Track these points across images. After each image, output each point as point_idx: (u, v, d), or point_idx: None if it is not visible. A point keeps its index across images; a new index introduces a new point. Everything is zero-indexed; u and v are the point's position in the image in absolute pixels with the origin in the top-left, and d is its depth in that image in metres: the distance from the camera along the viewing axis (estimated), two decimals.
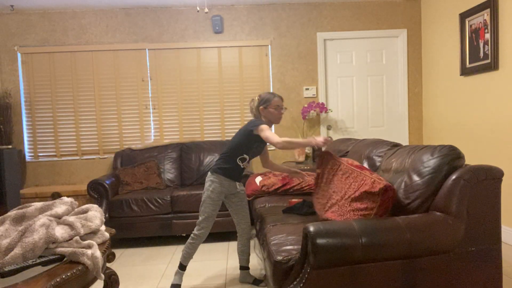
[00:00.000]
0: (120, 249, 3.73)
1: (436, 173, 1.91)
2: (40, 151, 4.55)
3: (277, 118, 2.64)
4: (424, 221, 1.80)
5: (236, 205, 2.75)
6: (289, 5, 4.64)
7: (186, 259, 2.67)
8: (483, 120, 3.64)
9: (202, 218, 2.62)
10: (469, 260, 1.83)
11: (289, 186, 3.49)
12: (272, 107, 2.61)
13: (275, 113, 2.62)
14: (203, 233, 2.63)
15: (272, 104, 2.61)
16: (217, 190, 2.61)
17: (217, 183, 2.61)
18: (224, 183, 2.62)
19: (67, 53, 4.51)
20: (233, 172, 2.64)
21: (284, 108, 2.67)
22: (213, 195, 2.61)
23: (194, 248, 2.66)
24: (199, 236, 2.63)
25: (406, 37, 4.72)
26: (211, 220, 2.63)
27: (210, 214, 2.61)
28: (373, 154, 2.64)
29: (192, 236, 2.65)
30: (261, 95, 2.66)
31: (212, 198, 2.60)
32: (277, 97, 2.63)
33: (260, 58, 4.66)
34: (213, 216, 2.63)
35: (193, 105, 4.64)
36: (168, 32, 4.58)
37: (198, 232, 2.63)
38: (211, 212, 2.61)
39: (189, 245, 2.65)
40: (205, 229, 2.63)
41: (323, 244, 1.68)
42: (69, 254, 1.70)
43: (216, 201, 2.62)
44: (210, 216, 2.62)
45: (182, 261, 2.68)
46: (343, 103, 4.78)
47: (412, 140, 4.82)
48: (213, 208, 2.61)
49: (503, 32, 3.31)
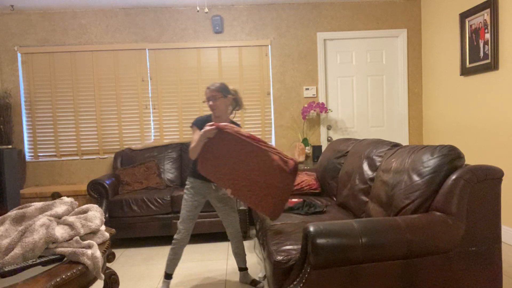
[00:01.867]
0: (120, 249, 3.73)
1: (436, 173, 1.91)
2: (40, 151, 4.55)
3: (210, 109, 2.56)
4: (424, 221, 1.80)
5: (221, 210, 2.69)
6: (289, 5, 4.64)
7: (171, 266, 2.63)
8: (483, 120, 3.64)
9: (179, 221, 2.61)
10: (469, 260, 1.83)
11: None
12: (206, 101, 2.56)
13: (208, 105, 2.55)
14: (181, 236, 2.59)
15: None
16: (190, 192, 2.61)
17: (189, 185, 2.62)
18: (195, 185, 2.60)
19: (67, 53, 4.51)
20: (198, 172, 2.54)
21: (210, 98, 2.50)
22: (187, 197, 2.60)
23: (176, 253, 2.61)
24: (178, 240, 2.60)
25: (406, 37, 4.72)
26: (187, 222, 2.59)
27: (185, 216, 2.59)
28: (373, 154, 2.64)
29: (172, 241, 2.62)
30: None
31: (186, 200, 2.60)
32: (207, 88, 2.53)
33: (260, 58, 4.66)
34: (189, 218, 2.59)
35: (193, 105, 4.64)
36: (168, 32, 4.58)
37: (177, 236, 2.60)
38: (186, 213, 2.59)
39: (171, 251, 2.61)
40: (183, 231, 2.59)
41: (323, 244, 1.68)
42: (69, 254, 1.70)
43: (189, 203, 2.59)
44: (186, 218, 2.59)
45: (167, 269, 2.63)
46: (343, 103, 4.78)
47: (412, 140, 4.82)
48: (187, 209, 2.58)
49: (503, 32, 3.31)
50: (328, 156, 3.53)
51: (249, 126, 4.69)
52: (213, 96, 2.51)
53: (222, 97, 2.53)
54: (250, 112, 4.68)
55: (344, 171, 3.04)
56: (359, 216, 2.61)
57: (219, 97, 2.52)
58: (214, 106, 2.52)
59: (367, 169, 2.63)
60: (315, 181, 3.54)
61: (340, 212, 2.79)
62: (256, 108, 4.67)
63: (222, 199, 2.66)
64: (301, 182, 3.50)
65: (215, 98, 2.51)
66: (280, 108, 4.69)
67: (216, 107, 2.52)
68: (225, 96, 2.54)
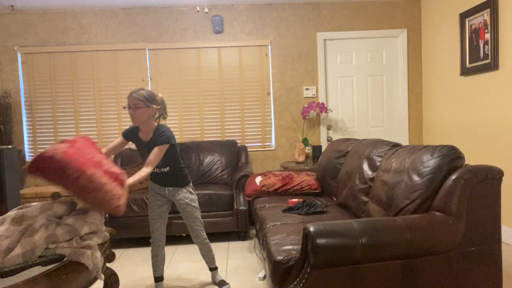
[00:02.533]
0: (120, 249, 3.73)
1: (436, 173, 1.91)
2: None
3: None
4: (424, 221, 1.80)
5: (182, 215, 2.69)
6: (289, 5, 4.64)
7: (156, 270, 2.66)
8: (483, 120, 3.64)
9: (150, 223, 2.66)
10: (469, 260, 1.83)
11: (289, 186, 3.49)
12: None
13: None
14: (154, 238, 2.63)
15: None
16: (150, 193, 2.66)
17: (150, 187, 2.67)
18: (153, 186, 2.64)
19: (67, 53, 4.51)
20: (152, 175, 2.61)
21: (130, 105, 2.37)
22: (149, 198, 2.67)
23: (156, 255, 2.64)
24: (152, 241, 2.64)
25: (406, 37, 4.72)
26: (153, 222, 2.63)
27: (150, 217, 2.64)
28: (373, 154, 2.64)
29: (150, 245, 2.68)
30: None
31: (149, 201, 2.66)
32: (129, 94, 2.39)
33: (260, 58, 4.66)
34: (153, 218, 2.62)
35: (193, 105, 4.64)
36: (168, 32, 4.58)
37: (151, 238, 2.65)
38: (150, 214, 2.64)
39: (151, 254, 2.66)
40: (153, 232, 2.63)
41: (323, 244, 1.68)
42: (69, 254, 1.70)
43: (151, 203, 2.64)
44: (151, 219, 2.63)
45: (154, 274, 2.68)
46: (343, 103, 4.78)
47: (412, 140, 4.82)
48: (150, 210, 2.63)
49: (503, 32, 3.31)
50: (328, 156, 3.53)
51: (249, 126, 4.69)
52: (134, 104, 2.35)
53: (144, 107, 2.36)
54: (250, 112, 4.68)
55: (344, 171, 3.04)
56: (359, 216, 2.61)
57: (141, 106, 2.35)
58: (133, 115, 2.37)
59: (367, 169, 2.63)
60: (315, 181, 3.54)
61: (340, 212, 2.80)
62: (256, 108, 4.67)
63: (179, 205, 2.62)
64: (301, 182, 3.50)
65: (136, 107, 2.35)
66: (280, 108, 4.69)
67: (136, 116, 2.36)
68: (148, 106, 2.37)
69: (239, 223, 3.73)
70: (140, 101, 2.35)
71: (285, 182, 3.51)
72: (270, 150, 4.71)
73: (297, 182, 3.50)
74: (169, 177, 2.57)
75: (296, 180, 3.52)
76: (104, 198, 1.67)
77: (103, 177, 1.69)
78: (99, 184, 1.67)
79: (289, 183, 3.50)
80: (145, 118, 2.39)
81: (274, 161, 4.72)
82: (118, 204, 1.68)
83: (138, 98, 2.35)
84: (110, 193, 1.72)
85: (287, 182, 3.51)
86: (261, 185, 3.50)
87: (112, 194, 1.69)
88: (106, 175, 1.71)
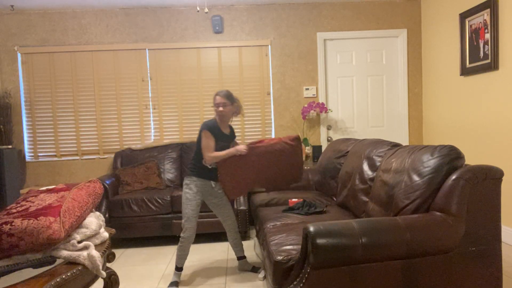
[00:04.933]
0: (120, 249, 3.73)
1: (436, 173, 1.91)
2: (40, 151, 4.55)
3: (217, 114, 2.77)
4: (424, 221, 1.80)
5: (217, 205, 2.88)
6: (289, 5, 4.64)
7: (180, 260, 2.79)
8: (483, 120, 3.64)
9: (184, 220, 2.75)
10: (469, 260, 1.83)
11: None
12: (215, 106, 2.75)
13: (216, 110, 2.75)
14: (188, 235, 2.74)
15: (214, 103, 2.76)
16: (193, 191, 2.74)
17: (192, 185, 2.75)
18: (198, 183, 2.75)
19: (67, 53, 4.51)
20: (202, 172, 2.76)
21: (220, 104, 2.72)
22: (190, 196, 2.74)
23: (184, 250, 2.77)
24: (185, 238, 2.75)
25: (406, 37, 4.72)
26: (193, 220, 2.74)
27: (191, 215, 2.73)
28: (373, 154, 2.64)
29: (180, 239, 2.76)
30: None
31: (189, 199, 2.73)
32: (217, 94, 2.75)
33: (260, 58, 4.66)
34: (194, 216, 2.74)
35: (193, 105, 4.64)
36: (168, 32, 4.58)
37: (184, 234, 2.75)
38: (191, 212, 2.73)
39: (180, 248, 2.78)
40: (189, 230, 2.74)
41: (323, 244, 1.68)
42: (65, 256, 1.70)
43: (192, 201, 2.73)
44: (191, 216, 2.73)
45: (177, 263, 2.80)
46: (343, 103, 4.78)
47: (412, 140, 4.82)
48: (191, 208, 2.73)
49: (503, 32, 3.31)
50: (328, 156, 3.53)
51: (249, 126, 4.69)
52: (223, 103, 2.71)
53: (230, 105, 2.74)
54: (250, 112, 4.68)
55: (344, 171, 3.04)
56: (359, 216, 2.61)
57: (228, 104, 2.72)
58: (223, 112, 2.72)
59: (367, 169, 2.63)
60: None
61: (340, 212, 2.80)
62: (256, 108, 4.68)
63: (218, 195, 2.84)
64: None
65: (225, 105, 2.71)
66: (280, 108, 4.69)
67: (225, 114, 2.73)
68: (232, 104, 2.76)
69: (239, 223, 3.73)
70: (226, 100, 2.72)
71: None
72: None
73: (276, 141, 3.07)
74: (216, 172, 2.78)
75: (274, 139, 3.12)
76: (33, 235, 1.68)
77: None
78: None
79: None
80: (230, 114, 2.79)
81: None
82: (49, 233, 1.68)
83: (225, 96, 2.72)
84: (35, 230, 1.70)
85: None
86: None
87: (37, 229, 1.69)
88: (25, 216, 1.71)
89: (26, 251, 1.65)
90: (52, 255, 1.70)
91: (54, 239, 1.66)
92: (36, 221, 1.66)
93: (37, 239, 1.63)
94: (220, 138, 2.75)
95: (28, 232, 1.63)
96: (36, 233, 1.64)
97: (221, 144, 2.75)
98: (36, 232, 1.64)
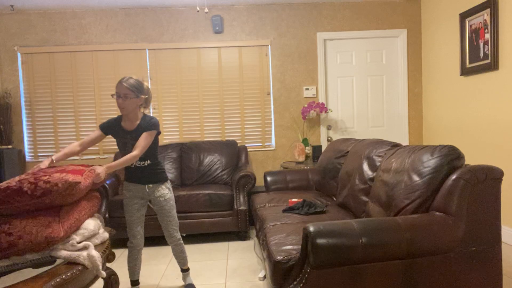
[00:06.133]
0: (120, 249, 3.73)
1: (436, 173, 1.91)
2: (40, 151, 4.55)
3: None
4: (424, 221, 1.80)
5: (157, 212, 2.57)
6: (289, 5, 4.64)
7: (133, 273, 2.58)
8: (483, 120, 3.64)
9: (127, 228, 2.53)
10: (469, 260, 1.83)
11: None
12: (114, 95, 2.39)
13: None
14: (135, 242, 2.53)
15: (115, 91, 2.39)
16: (126, 196, 2.51)
17: (125, 189, 2.52)
18: (130, 187, 2.50)
19: (67, 53, 4.51)
20: (128, 174, 2.50)
21: (120, 95, 2.35)
22: (125, 201, 2.52)
23: (135, 259, 2.55)
24: (133, 245, 2.54)
25: (406, 37, 4.72)
26: (132, 226, 2.51)
27: (128, 221, 2.51)
28: (373, 154, 2.64)
29: (128, 248, 2.56)
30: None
31: (125, 205, 2.51)
32: (120, 82, 2.35)
33: (260, 58, 4.66)
34: (133, 222, 2.50)
35: (193, 105, 4.64)
36: (168, 32, 4.58)
37: (129, 242, 2.55)
38: (129, 218, 2.51)
39: (129, 258, 2.56)
40: (133, 237, 2.52)
41: (323, 244, 1.68)
42: (65, 257, 1.70)
43: (129, 207, 2.50)
44: (130, 223, 2.51)
45: (130, 277, 2.59)
46: (343, 103, 4.78)
47: (412, 140, 4.82)
48: (129, 214, 2.50)
49: (503, 32, 3.31)
50: (328, 156, 3.53)
51: (249, 126, 4.69)
52: (124, 94, 2.33)
53: (134, 97, 2.35)
54: (250, 112, 4.68)
55: (344, 171, 3.04)
56: (359, 216, 2.61)
57: (131, 97, 2.34)
58: (122, 105, 2.35)
59: (367, 169, 2.63)
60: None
61: (340, 212, 2.80)
62: (256, 108, 4.67)
63: (157, 202, 2.53)
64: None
65: (126, 97, 2.34)
66: (280, 108, 4.69)
67: (125, 107, 2.36)
68: (137, 97, 2.37)
69: (239, 223, 3.73)
70: (130, 92, 2.34)
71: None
72: (270, 150, 4.71)
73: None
74: (149, 172, 2.49)
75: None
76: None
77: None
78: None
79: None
80: (134, 107, 2.38)
81: (274, 161, 4.72)
82: (48, 232, 1.70)
83: (128, 88, 2.33)
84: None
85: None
86: None
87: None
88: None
89: (25, 251, 1.65)
90: (52, 255, 1.70)
91: (53, 237, 1.66)
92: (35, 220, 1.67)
93: (36, 238, 1.64)
94: (118, 135, 2.45)
95: (27, 230, 1.64)
96: (35, 231, 1.64)
97: (123, 141, 2.45)
98: (35, 231, 1.64)
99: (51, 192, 1.69)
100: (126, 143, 2.44)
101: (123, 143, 2.46)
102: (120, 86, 2.33)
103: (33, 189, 1.66)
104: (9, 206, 1.65)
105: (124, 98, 2.34)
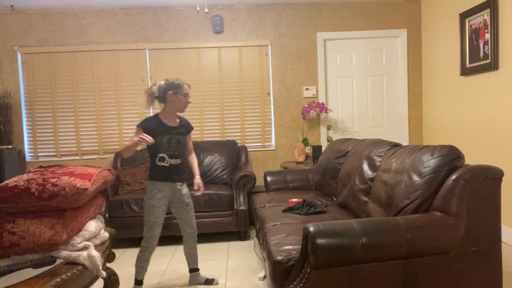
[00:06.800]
0: (120, 249, 3.73)
1: (436, 173, 1.91)
2: (40, 151, 4.55)
3: (184, 105, 2.60)
4: (424, 221, 1.80)
5: (181, 209, 2.60)
6: (289, 5, 4.64)
7: (140, 273, 2.58)
8: (483, 120, 3.64)
9: (146, 228, 2.49)
10: (469, 260, 1.83)
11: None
12: (182, 94, 2.55)
13: (183, 100, 2.57)
14: (150, 244, 2.51)
15: (182, 91, 2.55)
16: (157, 197, 2.48)
17: (155, 189, 2.49)
18: (162, 187, 2.50)
19: (67, 53, 4.51)
20: (162, 173, 2.50)
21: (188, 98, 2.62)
22: (154, 202, 2.48)
23: (146, 260, 2.55)
24: (147, 247, 2.52)
25: (406, 37, 4.72)
26: (156, 228, 2.49)
27: (154, 222, 2.48)
28: (373, 154, 2.64)
29: (140, 248, 2.54)
30: (169, 79, 2.59)
31: (153, 206, 2.47)
32: (187, 84, 2.59)
33: (260, 58, 4.66)
34: (157, 224, 2.49)
35: (193, 105, 4.63)
36: (168, 32, 4.58)
37: (145, 243, 2.52)
38: (154, 220, 2.47)
39: (139, 259, 2.55)
40: (151, 239, 2.50)
41: (323, 244, 1.68)
42: (65, 257, 1.70)
43: (157, 208, 2.48)
44: (155, 225, 2.48)
45: (136, 276, 2.58)
46: (343, 103, 4.78)
47: (412, 140, 4.82)
48: (155, 215, 2.47)
49: (503, 32, 3.31)
50: (328, 156, 3.53)
51: (249, 126, 4.69)
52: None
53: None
54: (250, 112, 4.68)
55: (344, 171, 3.04)
56: (359, 216, 2.61)
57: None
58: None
59: (367, 169, 2.63)
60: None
61: (340, 212, 2.80)
62: (256, 108, 4.67)
63: (183, 199, 2.58)
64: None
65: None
66: (280, 108, 4.69)
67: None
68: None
69: (239, 223, 3.73)
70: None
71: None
72: (270, 150, 4.71)
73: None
74: (183, 171, 2.59)
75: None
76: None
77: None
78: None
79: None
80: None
81: (274, 161, 4.73)
82: (51, 234, 1.70)
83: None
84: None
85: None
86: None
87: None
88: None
89: (25, 251, 1.65)
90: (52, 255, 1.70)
91: (56, 240, 1.66)
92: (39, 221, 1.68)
93: (39, 239, 1.64)
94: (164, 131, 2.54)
95: (30, 231, 1.64)
96: (38, 233, 1.65)
97: (167, 137, 2.54)
98: (39, 232, 1.65)
99: (58, 196, 1.70)
100: (171, 138, 2.55)
101: (167, 139, 2.54)
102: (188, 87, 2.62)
103: (40, 191, 1.67)
104: (15, 205, 1.66)
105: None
